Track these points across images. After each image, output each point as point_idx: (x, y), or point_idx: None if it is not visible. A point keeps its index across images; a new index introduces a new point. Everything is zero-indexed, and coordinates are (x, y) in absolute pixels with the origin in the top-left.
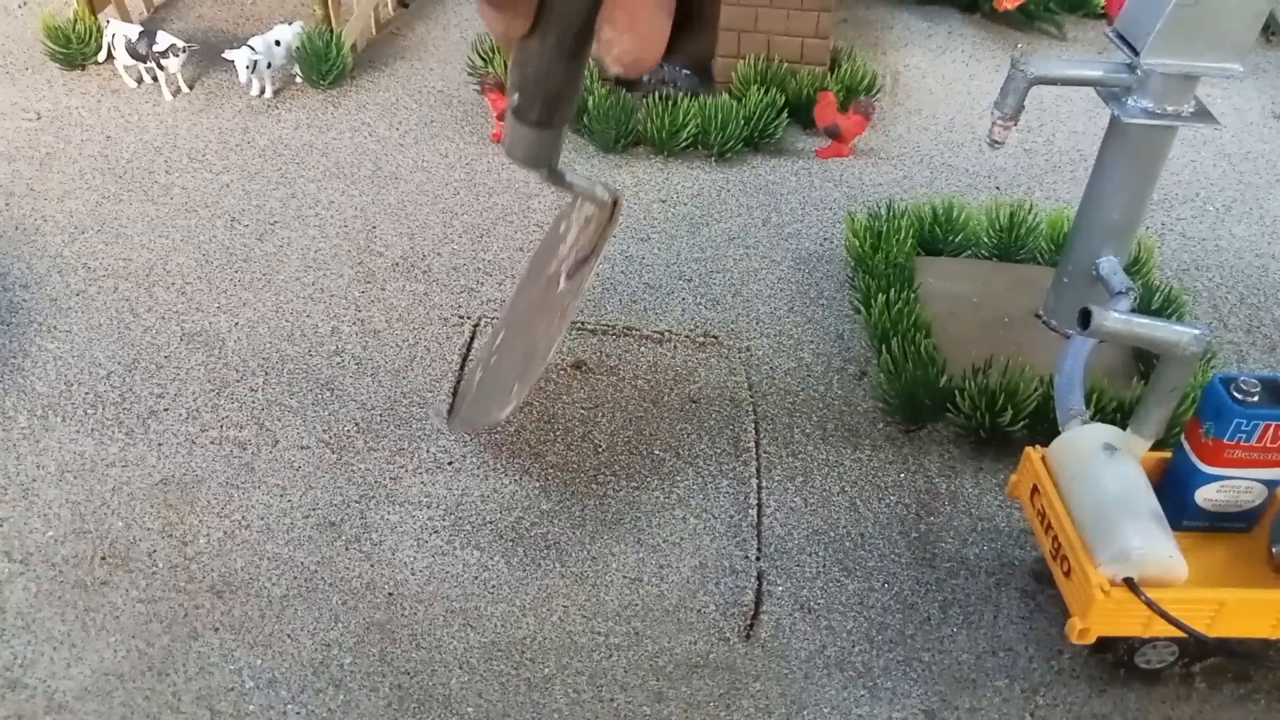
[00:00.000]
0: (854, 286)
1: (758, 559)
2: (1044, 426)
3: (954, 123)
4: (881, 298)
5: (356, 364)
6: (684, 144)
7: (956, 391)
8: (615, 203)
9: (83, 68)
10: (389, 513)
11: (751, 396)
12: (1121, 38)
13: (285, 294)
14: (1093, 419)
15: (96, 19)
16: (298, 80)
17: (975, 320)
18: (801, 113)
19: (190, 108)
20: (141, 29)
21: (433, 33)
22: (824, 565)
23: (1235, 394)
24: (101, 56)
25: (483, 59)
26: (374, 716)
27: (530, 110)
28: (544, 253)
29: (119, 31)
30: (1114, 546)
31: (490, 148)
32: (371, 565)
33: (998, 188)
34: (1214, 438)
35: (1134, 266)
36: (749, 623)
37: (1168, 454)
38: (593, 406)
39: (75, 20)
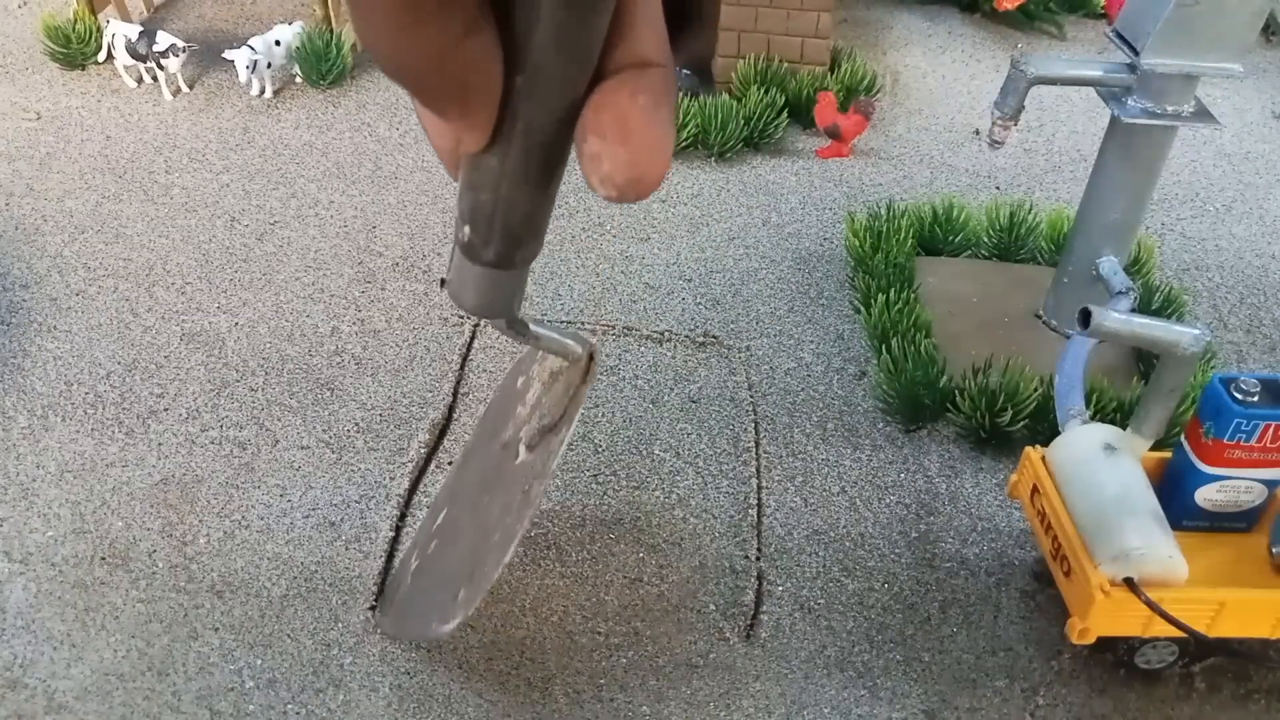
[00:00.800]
0: (854, 286)
1: (758, 559)
2: (1044, 426)
3: (954, 123)
4: (881, 298)
5: (356, 364)
6: (684, 144)
7: (956, 391)
8: (590, 358)
9: (83, 68)
10: (389, 512)
11: (751, 396)
12: (1121, 38)
13: (285, 294)
14: (1093, 419)
15: (96, 19)
16: (298, 80)
17: (975, 320)
18: (801, 113)
19: (190, 108)
20: (141, 29)
21: None
22: (824, 565)
23: (1235, 394)
24: (101, 56)
25: None
26: (374, 716)
27: (485, 247)
28: (497, 412)
29: (119, 31)
30: (1114, 546)
31: None
32: (371, 565)
33: (998, 188)
34: (1214, 438)
35: (1134, 266)
36: (749, 623)
37: (1168, 454)
38: (593, 406)
39: (75, 20)
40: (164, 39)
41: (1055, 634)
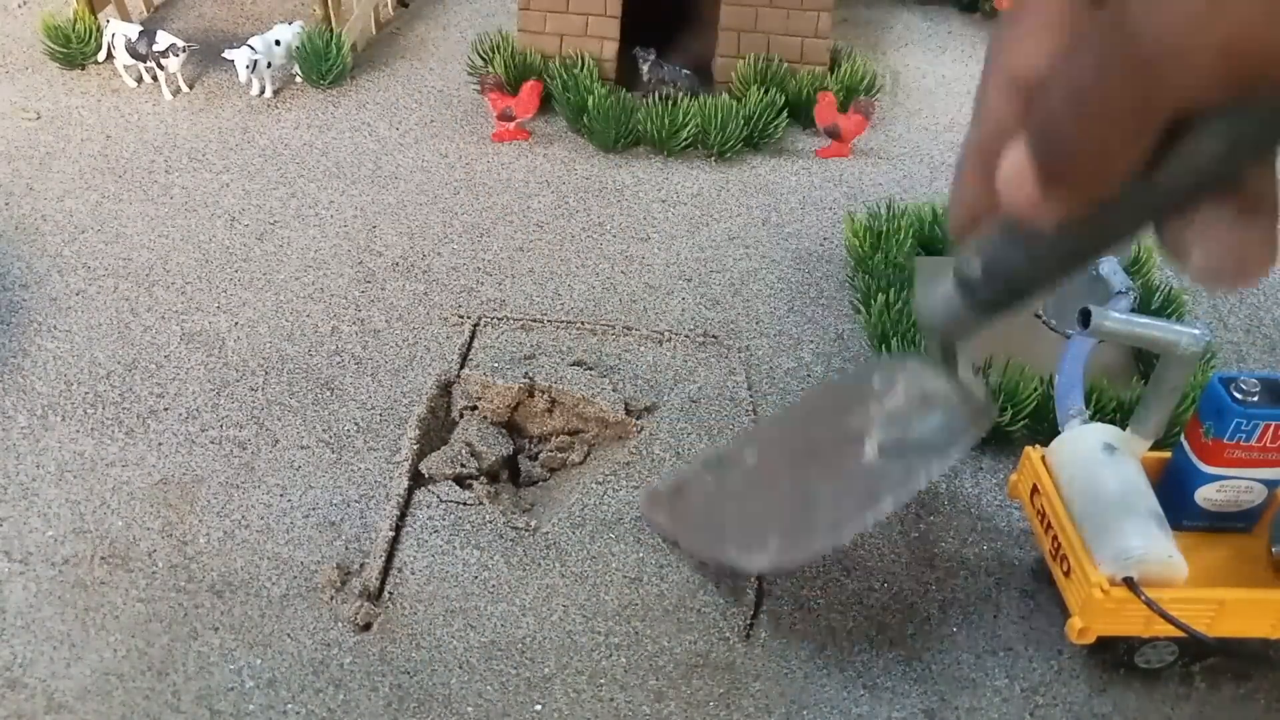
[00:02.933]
0: (854, 286)
1: None
2: (1044, 426)
3: (954, 123)
4: (881, 298)
5: (356, 364)
6: (684, 144)
7: None
8: (987, 418)
9: (83, 67)
10: (389, 512)
11: (751, 396)
12: None
13: (285, 294)
14: (1093, 419)
15: (96, 19)
16: (298, 80)
17: None
18: (801, 113)
19: (190, 108)
20: (141, 29)
21: (433, 33)
22: (824, 565)
23: (1235, 394)
24: (101, 56)
25: (483, 59)
26: (374, 716)
27: (985, 289)
28: (841, 396)
29: (119, 31)
30: (1114, 546)
31: (490, 147)
32: (370, 564)
33: None
34: (1214, 438)
35: (1134, 266)
36: (749, 623)
37: (1168, 454)
38: None
39: (75, 20)
40: (164, 39)
41: (1055, 634)
